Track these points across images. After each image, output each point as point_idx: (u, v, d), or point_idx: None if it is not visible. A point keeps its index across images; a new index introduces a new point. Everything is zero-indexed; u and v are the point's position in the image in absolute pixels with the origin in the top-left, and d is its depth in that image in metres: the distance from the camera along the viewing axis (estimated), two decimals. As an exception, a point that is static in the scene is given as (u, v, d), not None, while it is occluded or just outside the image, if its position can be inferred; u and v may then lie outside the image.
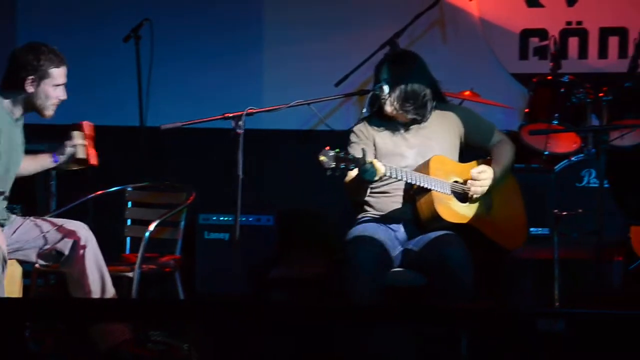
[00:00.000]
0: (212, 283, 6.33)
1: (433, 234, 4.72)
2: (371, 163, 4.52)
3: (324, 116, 5.06)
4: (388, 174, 4.58)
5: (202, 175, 6.52)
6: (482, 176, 4.80)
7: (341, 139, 4.96)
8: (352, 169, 4.52)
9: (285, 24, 7.40)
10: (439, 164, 4.76)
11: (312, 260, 6.17)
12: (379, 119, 4.90)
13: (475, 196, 4.78)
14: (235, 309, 3.83)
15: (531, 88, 6.47)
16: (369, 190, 4.82)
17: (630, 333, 3.79)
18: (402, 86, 4.75)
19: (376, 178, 4.57)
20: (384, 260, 4.71)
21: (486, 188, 4.80)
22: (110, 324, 4.58)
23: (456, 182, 4.81)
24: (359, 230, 4.80)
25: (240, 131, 4.68)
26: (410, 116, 4.81)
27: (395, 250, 4.78)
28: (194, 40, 7.39)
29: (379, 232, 4.76)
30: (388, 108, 4.80)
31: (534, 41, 7.20)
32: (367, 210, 4.89)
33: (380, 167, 4.56)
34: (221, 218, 6.38)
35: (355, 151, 4.66)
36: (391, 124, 4.89)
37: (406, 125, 4.87)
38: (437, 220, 4.71)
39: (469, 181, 4.79)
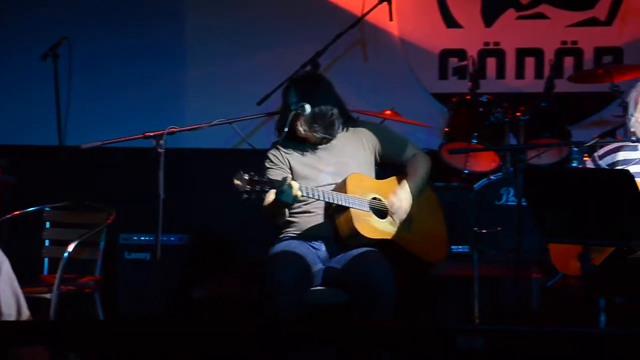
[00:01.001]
0: (133, 303, 6.25)
1: (355, 252, 4.74)
2: (289, 185, 4.53)
3: (246, 135, 5.05)
4: (305, 194, 4.59)
5: (123, 195, 6.44)
6: (401, 201, 4.83)
7: (264, 158, 4.96)
8: (267, 191, 4.51)
9: (207, 43, 7.39)
10: (356, 182, 4.78)
11: (231, 280, 6.13)
12: (291, 141, 4.90)
13: (399, 220, 4.82)
14: (157, 329, 3.78)
15: (451, 107, 6.55)
16: (288, 211, 4.82)
17: (548, 349, 3.84)
18: (310, 107, 4.77)
19: (293, 200, 4.58)
20: (305, 278, 4.71)
21: (408, 208, 4.84)
22: (28, 348, 4.49)
23: (374, 198, 4.83)
24: (280, 247, 4.79)
25: (161, 150, 4.64)
26: (319, 136, 4.83)
27: (317, 268, 4.78)
28: (115, 58, 7.32)
29: (300, 249, 4.76)
30: (299, 129, 4.81)
31: (453, 61, 7.31)
32: (288, 229, 4.89)
33: (297, 189, 4.57)
34: (142, 238, 6.31)
35: (271, 176, 4.65)
36: (303, 145, 4.89)
37: (317, 145, 4.88)
38: (357, 238, 4.72)
39: (390, 206, 4.82)
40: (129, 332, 3.83)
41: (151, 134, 4.67)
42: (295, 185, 4.55)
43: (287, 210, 4.79)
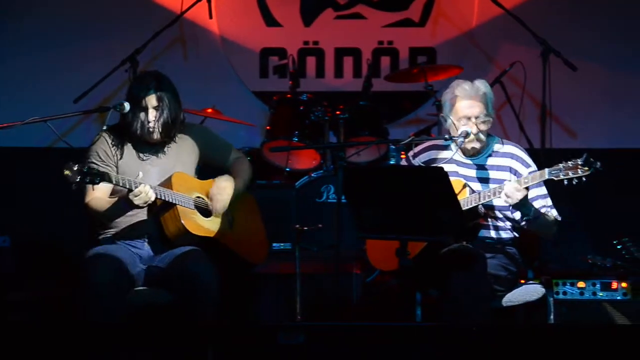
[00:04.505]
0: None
1: (178, 250, 4.71)
2: (144, 187, 4.52)
3: (63, 134, 4.90)
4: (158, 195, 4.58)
5: None
6: (223, 193, 4.85)
7: (81, 156, 4.84)
8: (97, 183, 4.46)
9: (20, 40, 7.15)
10: (180, 180, 4.76)
11: (52, 281, 5.96)
12: (121, 137, 4.82)
13: (217, 212, 4.82)
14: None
15: (272, 106, 6.59)
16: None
17: (368, 343, 3.93)
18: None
19: (146, 203, 4.56)
20: (125, 279, 4.64)
21: (227, 203, 4.84)
22: None
23: (198, 197, 4.83)
24: (98, 249, 4.70)
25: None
26: (156, 136, 4.78)
27: (137, 269, 4.71)
28: None
29: (119, 251, 4.69)
30: (135, 128, 4.73)
31: (274, 60, 7.36)
32: (108, 229, 4.80)
33: (152, 192, 4.56)
34: (-40, 240, 6.05)
35: (100, 169, 4.57)
36: (131, 142, 4.82)
37: (146, 144, 4.82)
38: (183, 235, 4.70)
39: (210, 197, 4.82)
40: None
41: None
42: (147, 187, 4.54)
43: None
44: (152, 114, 4.73)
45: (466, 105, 4.75)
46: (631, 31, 7.17)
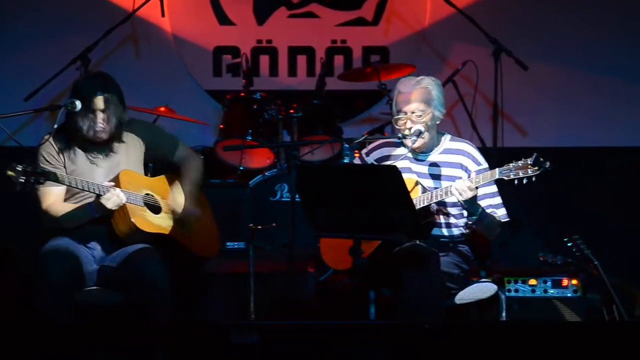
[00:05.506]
0: None
1: (130, 249, 4.68)
2: (115, 193, 4.54)
3: (13, 132, 4.84)
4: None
5: None
6: (176, 200, 4.85)
7: (32, 155, 4.78)
8: (42, 183, 4.43)
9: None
10: (129, 178, 4.74)
11: (2, 280, 5.89)
12: (69, 137, 4.77)
13: (178, 217, 4.82)
14: None
15: (225, 104, 6.58)
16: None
17: (322, 342, 3.93)
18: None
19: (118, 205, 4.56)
20: (78, 278, 4.60)
21: (182, 206, 4.84)
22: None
23: (147, 194, 4.80)
24: (50, 247, 4.65)
25: None
26: (106, 136, 4.74)
27: (90, 268, 4.68)
28: None
29: (73, 249, 4.65)
30: (83, 129, 4.69)
31: (227, 58, 7.34)
32: (62, 229, 4.76)
33: (120, 193, 4.56)
34: None
35: (46, 169, 4.53)
36: (77, 142, 4.77)
37: (94, 144, 4.77)
38: (134, 232, 4.68)
39: (166, 204, 4.81)
40: None
41: None
42: (117, 190, 4.55)
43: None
44: (100, 117, 4.68)
45: (403, 100, 4.78)
46: (581, 30, 7.25)
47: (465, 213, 4.76)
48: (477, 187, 4.54)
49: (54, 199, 4.67)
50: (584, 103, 7.26)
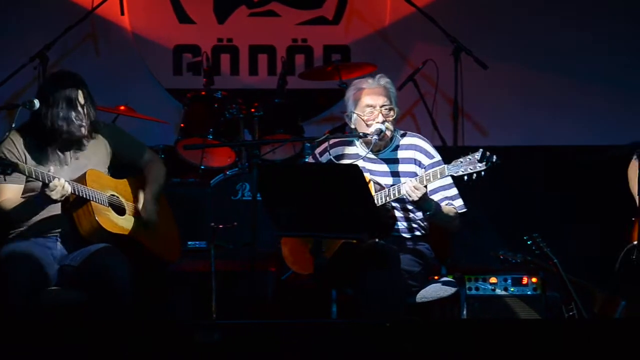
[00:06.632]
0: None
1: (92, 247, 4.65)
2: (60, 183, 4.47)
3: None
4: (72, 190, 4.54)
5: None
6: (144, 206, 4.84)
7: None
8: (10, 174, 4.43)
9: None
10: (94, 177, 4.72)
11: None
12: (32, 136, 4.73)
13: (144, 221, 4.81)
14: None
15: (186, 103, 6.55)
16: None
17: (283, 341, 3.94)
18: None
19: (63, 196, 4.50)
20: (40, 279, 4.57)
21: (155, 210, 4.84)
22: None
23: (112, 195, 4.78)
24: (11, 247, 4.62)
25: None
26: (84, 132, 4.72)
27: (52, 269, 4.64)
28: None
29: (33, 249, 4.62)
30: (58, 126, 4.65)
31: (187, 57, 7.32)
32: (19, 228, 4.71)
33: (66, 184, 4.51)
34: None
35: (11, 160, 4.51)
36: (42, 140, 4.73)
37: (63, 144, 4.74)
38: (97, 231, 4.65)
39: (135, 209, 4.80)
40: None
41: None
42: (64, 181, 4.50)
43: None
44: (82, 111, 4.69)
45: (369, 94, 4.81)
46: (541, 29, 7.31)
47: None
48: (426, 185, 4.56)
49: (10, 195, 4.63)
50: (544, 101, 7.32)
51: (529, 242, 5.45)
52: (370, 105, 4.80)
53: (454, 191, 4.81)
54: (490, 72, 6.58)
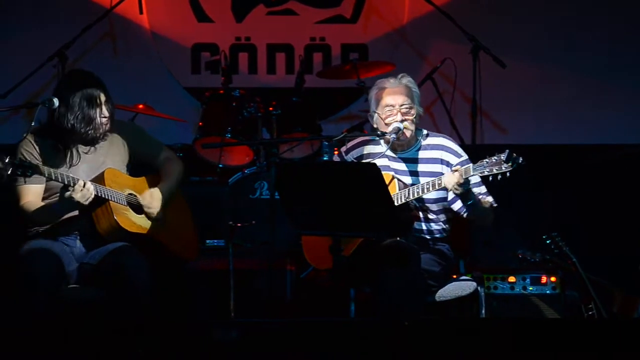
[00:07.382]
0: None
1: (110, 246, 4.67)
2: (84, 185, 4.49)
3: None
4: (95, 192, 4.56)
5: None
6: (153, 203, 4.83)
7: (11, 153, 4.75)
8: (30, 176, 4.44)
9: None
10: (112, 176, 4.73)
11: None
12: (49, 135, 4.75)
13: (152, 215, 4.80)
14: None
15: (204, 102, 6.56)
16: None
17: (301, 339, 3.94)
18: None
19: (88, 199, 4.52)
20: (60, 276, 4.59)
21: (159, 206, 4.82)
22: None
23: (130, 194, 4.79)
24: (32, 245, 4.64)
25: None
26: (106, 129, 4.74)
27: (71, 266, 4.67)
28: None
29: (54, 247, 4.64)
30: (80, 123, 4.67)
31: (206, 56, 7.33)
32: (38, 226, 4.73)
33: (91, 186, 4.53)
34: None
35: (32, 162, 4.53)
36: (60, 139, 4.75)
37: (80, 143, 4.76)
38: (116, 230, 4.67)
39: (142, 200, 4.80)
40: None
41: None
42: (89, 184, 4.52)
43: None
44: (105, 109, 4.71)
45: (389, 94, 4.82)
46: (559, 28, 7.29)
47: (453, 206, 4.76)
48: (466, 178, 4.54)
49: (32, 197, 4.65)
50: (563, 100, 7.29)
51: (547, 241, 5.43)
52: (390, 104, 4.81)
53: (484, 188, 4.81)
54: (509, 71, 6.55)
